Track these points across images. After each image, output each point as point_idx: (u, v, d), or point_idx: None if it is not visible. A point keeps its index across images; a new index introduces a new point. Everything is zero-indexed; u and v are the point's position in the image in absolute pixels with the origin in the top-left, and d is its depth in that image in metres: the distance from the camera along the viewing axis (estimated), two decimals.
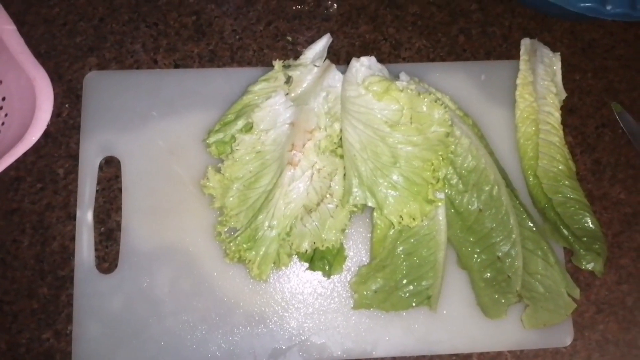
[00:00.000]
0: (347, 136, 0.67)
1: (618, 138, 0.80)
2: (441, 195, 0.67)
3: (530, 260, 0.69)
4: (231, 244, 0.67)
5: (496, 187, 0.68)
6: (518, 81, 0.74)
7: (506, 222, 0.68)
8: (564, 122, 0.74)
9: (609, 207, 0.78)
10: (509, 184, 0.71)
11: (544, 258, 0.69)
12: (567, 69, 0.79)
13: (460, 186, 0.68)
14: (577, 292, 0.69)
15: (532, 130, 0.73)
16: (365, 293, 0.69)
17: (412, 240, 0.68)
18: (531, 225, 0.70)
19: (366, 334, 0.70)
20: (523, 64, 0.75)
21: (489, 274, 0.69)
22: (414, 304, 0.69)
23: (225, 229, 0.69)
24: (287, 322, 0.70)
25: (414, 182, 0.65)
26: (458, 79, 0.77)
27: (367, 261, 0.72)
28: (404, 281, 0.68)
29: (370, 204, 0.66)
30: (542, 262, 0.69)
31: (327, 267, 0.70)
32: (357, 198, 0.66)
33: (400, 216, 0.65)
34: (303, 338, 0.70)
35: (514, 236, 0.68)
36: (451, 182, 0.68)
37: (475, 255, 0.69)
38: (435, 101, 0.66)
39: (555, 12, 0.80)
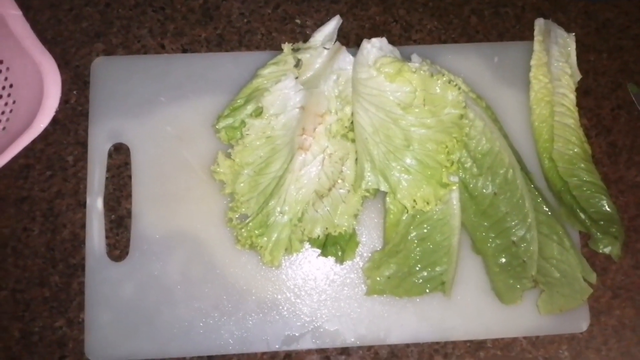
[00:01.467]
0: (358, 119, 0.66)
1: (634, 120, 0.78)
2: (455, 179, 0.66)
3: (545, 245, 0.68)
4: (242, 230, 0.66)
5: (511, 171, 0.67)
6: (532, 62, 0.73)
7: (521, 206, 0.67)
8: (578, 104, 0.73)
9: (625, 191, 0.76)
10: (523, 167, 0.70)
11: (559, 242, 0.68)
12: (581, 49, 0.78)
13: (475, 169, 0.67)
14: (593, 277, 0.68)
15: (547, 112, 0.71)
16: (378, 279, 0.68)
17: (426, 225, 0.67)
18: (546, 209, 0.69)
19: (379, 320, 0.70)
20: (537, 45, 0.73)
21: (503, 259, 0.68)
22: (427, 290, 0.68)
23: (237, 215, 0.68)
24: (299, 309, 0.70)
25: (427, 165, 0.64)
26: (470, 61, 0.76)
27: (380, 247, 0.71)
28: (418, 267, 0.67)
29: (383, 189, 0.65)
30: (558, 247, 0.68)
31: (339, 253, 0.69)
32: (370, 182, 0.65)
33: (414, 200, 0.64)
34: (316, 325, 0.69)
35: (529, 220, 0.67)
36: (465, 165, 0.67)
37: (490, 240, 0.68)
38: (449, 82, 0.64)
39: None
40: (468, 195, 0.68)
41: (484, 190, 0.67)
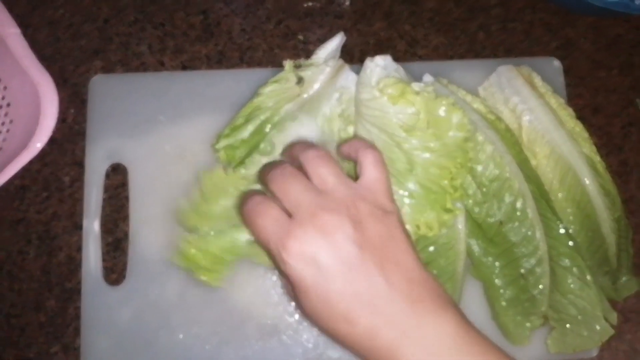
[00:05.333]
0: None
1: None
2: (460, 205, 0.64)
3: (563, 279, 0.65)
4: None
5: (521, 199, 0.64)
6: None
7: (531, 237, 0.64)
8: (588, 122, 0.71)
9: (635, 211, 0.74)
10: (544, 195, 0.66)
11: (580, 277, 0.65)
12: (591, 66, 0.76)
13: (479, 196, 0.65)
14: (614, 317, 0.65)
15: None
16: None
17: (430, 250, 0.65)
18: (570, 242, 0.65)
19: None
20: None
21: (511, 292, 0.65)
22: None
23: None
24: (301, 336, 0.68)
25: (431, 190, 0.62)
26: (477, 77, 0.74)
27: None
28: None
29: None
30: (578, 282, 0.64)
31: None
32: None
33: (417, 226, 0.62)
34: (318, 352, 0.67)
35: (539, 253, 0.64)
36: (468, 191, 0.65)
37: (497, 270, 0.65)
38: (453, 104, 0.62)
39: (578, 7, 0.76)
40: (473, 222, 0.65)
41: (489, 219, 0.65)
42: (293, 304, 0.68)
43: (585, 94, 0.77)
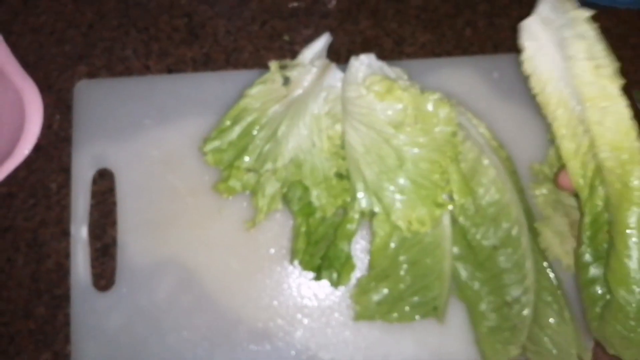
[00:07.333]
0: (349, 139, 0.64)
1: None
2: (446, 197, 0.63)
3: (543, 313, 0.64)
4: None
5: (516, 227, 0.62)
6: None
7: (521, 265, 0.62)
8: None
9: None
10: (531, 227, 0.65)
11: (558, 312, 0.63)
12: None
13: (477, 218, 0.63)
14: (588, 356, 0.64)
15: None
16: (367, 305, 0.65)
17: (416, 249, 0.64)
18: (552, 275, 0.64)
19: (377, 347, 0.67)
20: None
21: (493, 321, 0.64)
22: (419, 316, 0.65)
23: None
24: (292, 338, 0.67)
25: (422, 185, 0.61)
26: (465, 75, 0.73)
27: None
28: (408, 292, 0.64)
29: (377, 210, 0.63)
30: (557, 317, 0.63)
31: (334, 277, 0.66)
32: (364, 204, 0.63)
33: (409, 222, 0.61)
34: (310, 354, 0.67)
35: (527, 282, 0.62)
36: (467, 212, 0.63)
37: (483, 295, 0.64)
38: (440, 99, 0.62)
39: None
40: (466, 244, 0.64)
41: (483, 242, 0.63)
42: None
43: None
